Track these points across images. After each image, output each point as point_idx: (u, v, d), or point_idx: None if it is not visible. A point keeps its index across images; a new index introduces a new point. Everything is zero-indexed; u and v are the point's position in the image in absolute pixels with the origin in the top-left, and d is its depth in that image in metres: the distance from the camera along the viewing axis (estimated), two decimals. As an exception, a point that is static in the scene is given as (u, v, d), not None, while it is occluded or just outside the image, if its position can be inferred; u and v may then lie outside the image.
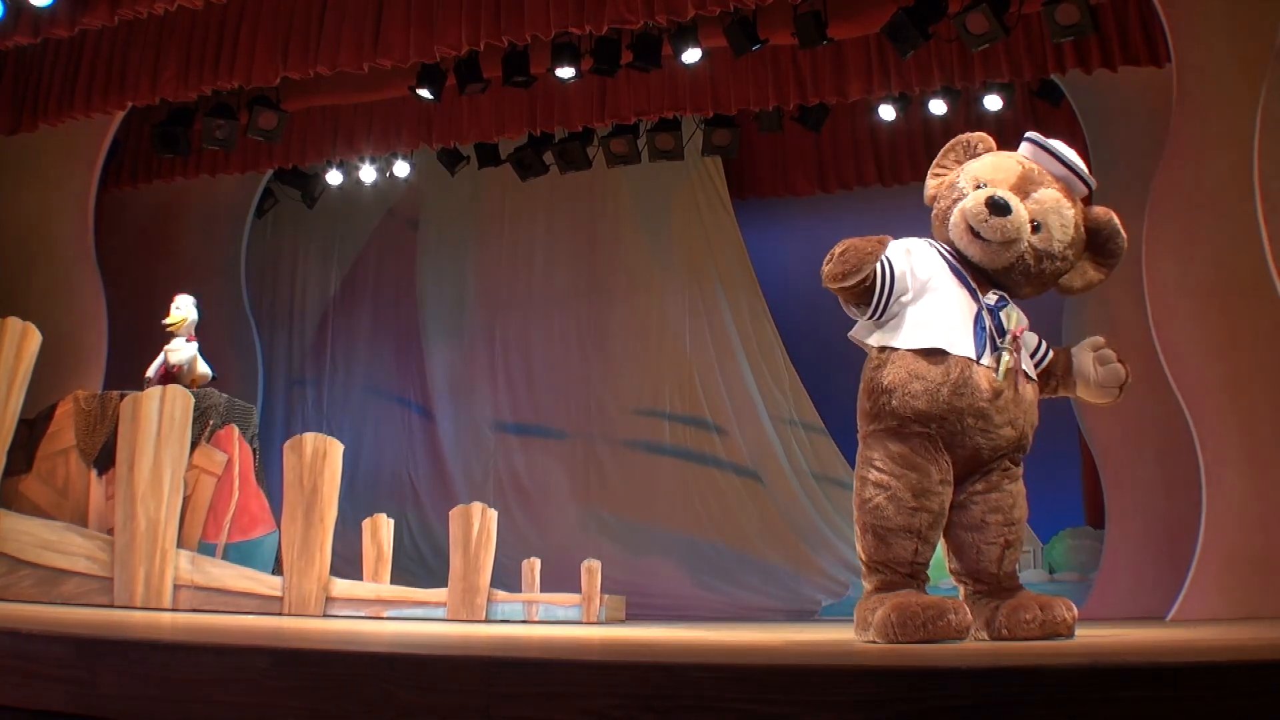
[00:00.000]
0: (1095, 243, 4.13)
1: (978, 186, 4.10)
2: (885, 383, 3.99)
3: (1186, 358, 8.37)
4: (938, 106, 11.01)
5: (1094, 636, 4.02)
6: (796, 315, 13.07)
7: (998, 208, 3.93)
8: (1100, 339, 4.00)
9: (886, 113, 11.31)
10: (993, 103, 10.97)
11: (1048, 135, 4.23)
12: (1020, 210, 3.94)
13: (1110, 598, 9.40)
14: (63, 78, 10.08)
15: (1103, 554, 9.87)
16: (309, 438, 8.77)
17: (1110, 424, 9.81)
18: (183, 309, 9.40)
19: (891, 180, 12.37)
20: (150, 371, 9.26)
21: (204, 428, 8.85)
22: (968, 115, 11.59)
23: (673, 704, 1.90)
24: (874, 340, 4.08)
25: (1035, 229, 3.98)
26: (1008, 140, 4.38)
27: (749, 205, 13.58)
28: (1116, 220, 4.08)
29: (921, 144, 12.09)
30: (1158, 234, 8.53)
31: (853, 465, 4.17)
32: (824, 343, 13.07)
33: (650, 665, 2.06)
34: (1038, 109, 11.57)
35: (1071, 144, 4.26)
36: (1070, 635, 3.74)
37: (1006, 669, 1.87)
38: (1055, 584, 10.71)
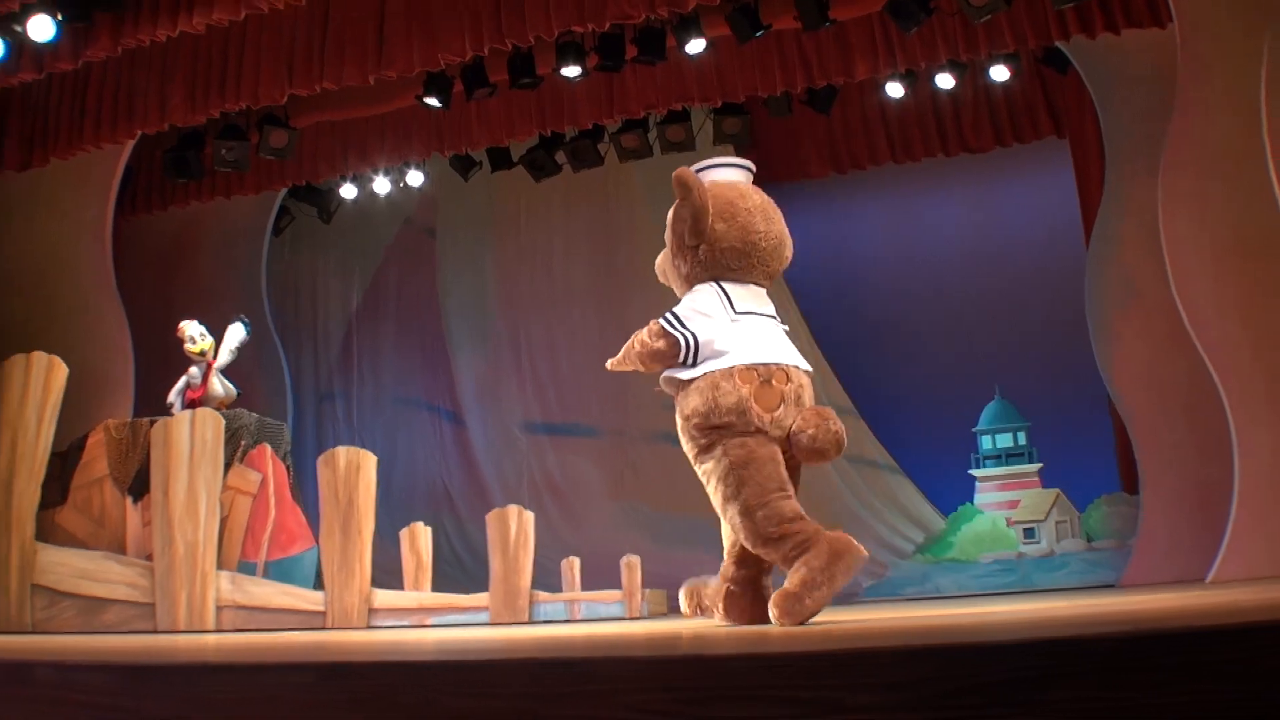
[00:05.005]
0: None
1: None
2: None
3: (1209, 317, 8.34)
4: (945, 81, 10.97)
5: (1133, 602, 4.01)
6: (820, 297, 13.08)
7: None
8: None
9: (894, 90, 11.29)
10: (1000, 73, 10.96)
11: (1056, 102, 4.31)
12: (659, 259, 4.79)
13: (1150, 562, 9.37)
14: (70, 111, 10.11)
15: (1139, 519, 9.83)
16: (341, 451, 8.80)
17: (1138, 387, 9.78)
18: (208, 335, 9.41)
19: (904, 157, 12.37)
20: (172, 396, 9.28)
21: (236, 448, 8.88)
22: (975, 87, 11.58)
23: (716, 695, 1.91)
24: None
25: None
26: (1019, 120, 4.40)
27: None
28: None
29: (932, 119, 12.09)
30: (1172, 194, 8.50)
31: (885, 445, 4.37)
32: (849, 324, 13.20)
33: (692, 658, 2.07)
34: (1045, 77, 11.55)
35: (1080, 111, 4.36)
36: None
37: (1044, 640, 1.88)
38: (1094, 552, 10.69)
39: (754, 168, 4.72)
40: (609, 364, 4.63)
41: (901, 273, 12.90)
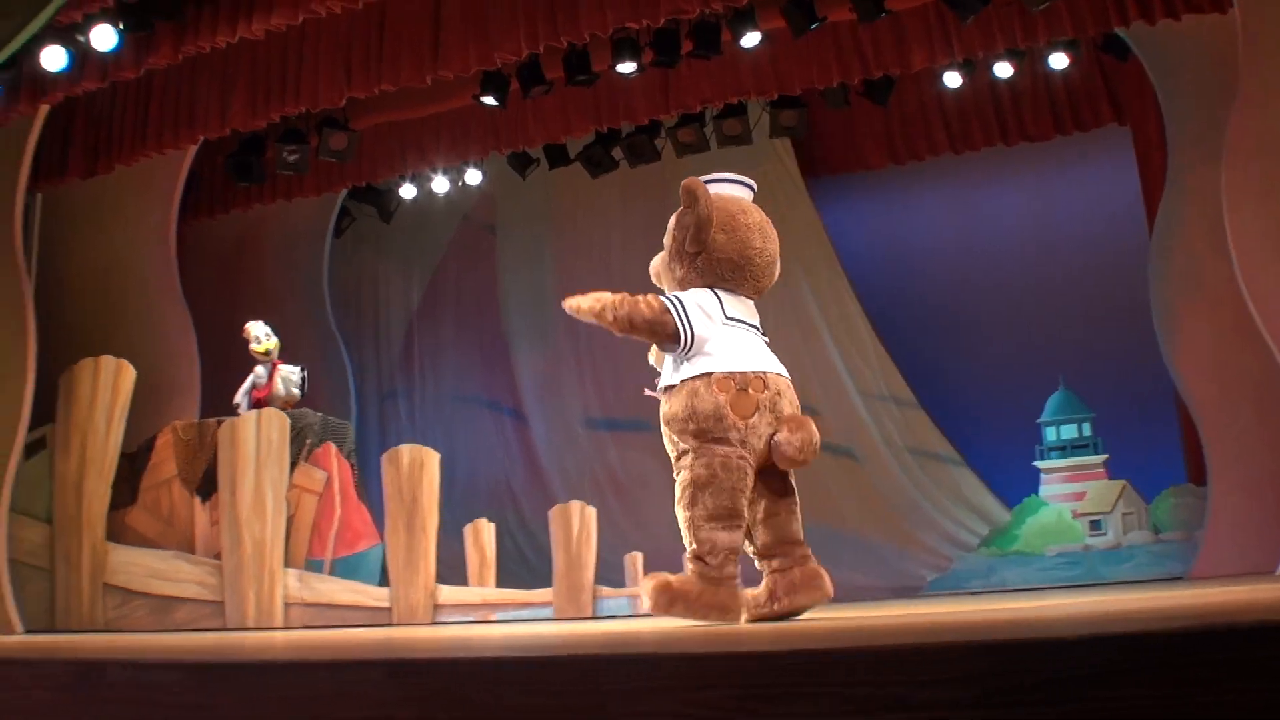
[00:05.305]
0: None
1: None
2: None
3: (1276, 305, 8.22)
4: (1003, 69, 10.89)
5: (1204, 596, 3.97)
6: (880, 289, 13.04)
7: None
8: None
9: (952, 80, 11.19)
10: (1059, 61, 10.87)
11: (1116, 89, 4.26)
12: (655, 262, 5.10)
13: (1218, 555, 9.27)
14: (133, 118, 10.21)
15: (1207, 511, 9.72)
16: (405, 449, 8.87)
17: (1205, 378, 9.67)
18: (273, 335, 9.52)
19: (963, 147, 12.28)
20: (239, 396, 9.39)
21: (302, 447, 8.98)
22: (1034, 76, 11.47)
23: (780, 691, 1.91)
24: None
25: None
26: (1079, 108, 4.36)
27: (822, 183, 13.54)
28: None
29: (991, 108, 11.99)
30: (1237, 182, 8.38)
31: (948, 437, 4.36)
32: (910, 316, 13.13)
33: (756, 654, 2.07)
34: (1105, 64, 11.44)
35: (1142, 98, 4.31)
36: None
37: (1114, 635, 1.87)
38: (1162, 544, 10.57)
39: (756, 186, 4.89)
40: (567, 303, 4.87)
41: (962, 263, 12.81)
